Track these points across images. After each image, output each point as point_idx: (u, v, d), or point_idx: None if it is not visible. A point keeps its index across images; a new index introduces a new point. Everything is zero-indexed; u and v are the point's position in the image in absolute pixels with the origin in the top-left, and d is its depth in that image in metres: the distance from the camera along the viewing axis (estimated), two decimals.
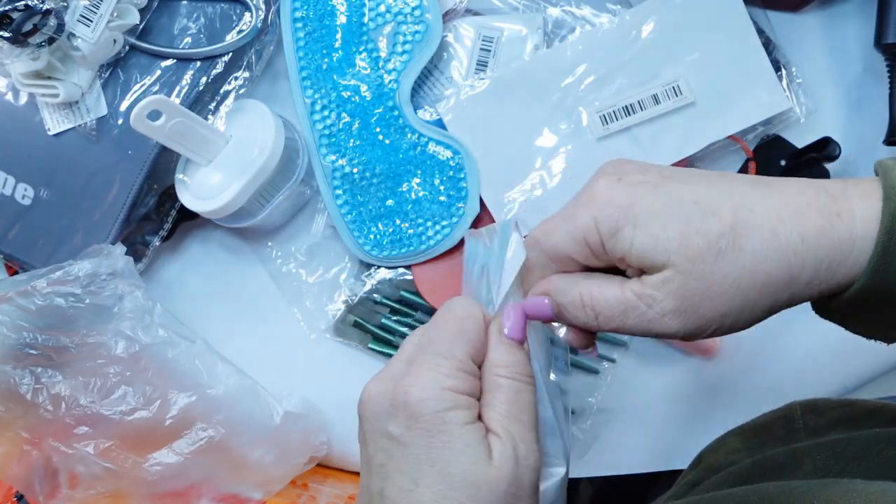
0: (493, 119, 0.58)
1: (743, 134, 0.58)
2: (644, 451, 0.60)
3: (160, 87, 0.57)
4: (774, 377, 0.59)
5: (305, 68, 0.59)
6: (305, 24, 0.59)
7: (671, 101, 0.57)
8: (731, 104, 0.58)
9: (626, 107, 0.57)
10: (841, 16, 0.61)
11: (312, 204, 0.61)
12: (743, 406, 0.59)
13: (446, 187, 0.58)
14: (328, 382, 0.61)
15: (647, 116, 0.57)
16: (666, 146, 0.57)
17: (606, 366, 0.60)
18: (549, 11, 0.60)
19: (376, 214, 0.59)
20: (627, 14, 0.57)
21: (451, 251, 0.59)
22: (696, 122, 0.57)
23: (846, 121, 0.60)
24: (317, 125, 0.59)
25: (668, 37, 0.57)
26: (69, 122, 0.57)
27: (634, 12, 0.57)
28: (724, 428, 0.59)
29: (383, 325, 0.60)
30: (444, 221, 0.58)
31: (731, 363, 0.60)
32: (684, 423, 0.59)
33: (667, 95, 0.57)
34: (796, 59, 0.60)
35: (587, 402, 0.60)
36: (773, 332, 0.60)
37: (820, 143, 0.57)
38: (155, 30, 0.57)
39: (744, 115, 0.58)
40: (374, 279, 0.60)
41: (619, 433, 0.60)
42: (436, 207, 0.58)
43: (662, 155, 0.57)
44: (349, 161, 0.58)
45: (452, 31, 0.59)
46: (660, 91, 0.57)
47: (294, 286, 0.60)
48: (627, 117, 0.57)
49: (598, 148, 0.57)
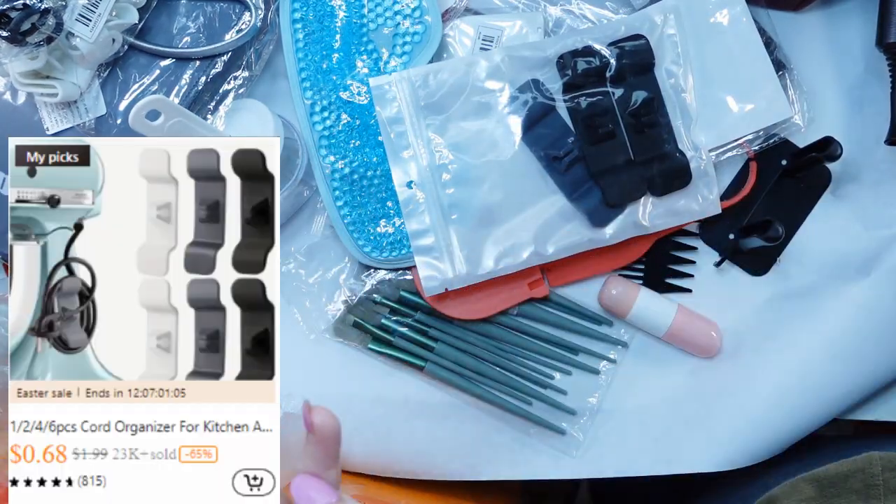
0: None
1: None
2: (644, 452, 0.60)
3: (159, 86, 0.57)
4: (774, 378, 0.59)
5: (305, 69, 0.59)
6: (305, 25, 0.59)
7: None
8: (733, 111, 0.58)
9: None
10: (843, 15, 0.61)
11: (312, 204, 0.61)
12: (743, 407, 0.59)
13: None
14: (328, 383, 0.60)
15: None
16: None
17: (606, 366, 0.60)
18: (550, 10, 0.59)
19: (376, 216, 0.58)
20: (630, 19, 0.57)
21: None
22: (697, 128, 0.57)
23: (847, 120, 0.60)
24: (316, 126, 0.58)
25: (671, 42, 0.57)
26: (68, 121, 0.57)
27: (638, 16, 0.57)
28: (725, 430, 0.59)
29: (383, 326, 0.60)
30: None
31: (731, 364, 0.60)
32: (684, 425, 0.59)
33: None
34: (798, 58, 0.60)
35: (587, 402, 0.60)
36: (773, 333, 0.60)
37: (821, 143, 0.57)
38: (154, 29, 0.57)
39: (745, 123, 0.58)
40: (373, 279, 0.60)
41: (619, 434, 0.60)
42: None
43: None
44: (349, 162, 0.58)
45: (452, 30, 0.59)
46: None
47: (293, 286, 0.60)
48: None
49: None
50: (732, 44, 0.58)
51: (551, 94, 0.56)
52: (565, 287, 0.60)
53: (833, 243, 0.59)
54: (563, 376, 0.60)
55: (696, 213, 0.57)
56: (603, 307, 0.60)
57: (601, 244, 0.57)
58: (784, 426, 0.58)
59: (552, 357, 0.60)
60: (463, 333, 0.60)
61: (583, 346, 0.60)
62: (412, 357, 0.59)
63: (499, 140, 0.56)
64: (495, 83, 0.56)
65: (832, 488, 0.49)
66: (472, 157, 0.56)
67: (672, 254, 0.60)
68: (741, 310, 0.60)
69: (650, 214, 0.56)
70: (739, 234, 0.59)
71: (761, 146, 0.58)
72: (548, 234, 0.56)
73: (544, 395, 0.60)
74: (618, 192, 0.56)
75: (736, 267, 0.60)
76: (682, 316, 0.58)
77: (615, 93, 0.56)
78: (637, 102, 0.56)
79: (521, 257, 0.56)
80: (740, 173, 0.60)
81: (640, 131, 0.56)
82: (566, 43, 0.56)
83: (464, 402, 0.60)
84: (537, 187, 0.56)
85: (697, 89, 0.57)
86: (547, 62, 0.56)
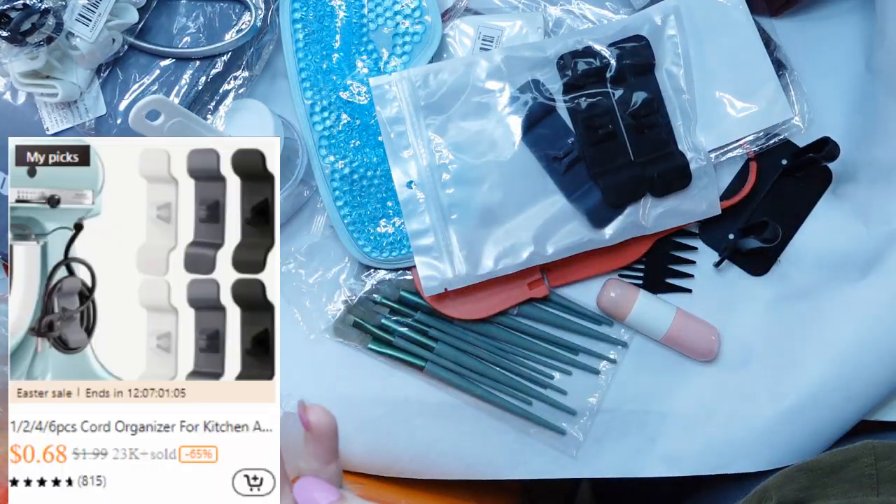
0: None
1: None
2: (644, 453, 0.60)
3: (159, 86, 0.57)
4: (774, 379, 0.59)
5: (305, 70, 0.59)
6: (305, 25, 0.59)
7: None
8: (734, 112, 0.58)
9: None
10: (842, 14, 0.61)
11: (312, 204, 0.61)
12: (743, 407, 0.59)
13: None
14: (328, 383, 0.60)
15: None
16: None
17: (606, 366, 0.60)
18: (550, 10, 0.59)
19: (376, 216, 0.58)
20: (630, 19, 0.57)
21: None
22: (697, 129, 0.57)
23: (848, 120, 0.60)
24: (316, 126, 0.58)
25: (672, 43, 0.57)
26: (68, 121, 0.57)
27: (639, 17, 0.57)
28: (726, 432, 0.59)
29: (383, 326, 0.60)
30: None
31: (731, 365, 0.60)
32: (684, 426, 0.59)
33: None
34: (797, 57, 0.60)
35: (587, 402, 0.60)
36: (773, 333, 0.60)
37: (819, 143, 0.57)
38: (154, 29, 0.57)
39: (746, 124, 0.58)
40: (373, 279, 0.60)
41: (619, 434, 0.60)
42: None
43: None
44: (349, 162, 0.58)
45: (452, 30, 0.59)
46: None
47: (293, 286, 0.60)
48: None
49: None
50: (733, 44, 0.58)
51: (551, 94, 0.56)
52: (565, 287, 0.60)
53: (834, 243, 0.59)
54: (563, 376, 0.60)
55: (696, 214, 0.57)
56: (601, 310, 0.60)
57: (601, 245, 0.57)
58: (784, 429, 0.58)
59: (552, 357, 0.60)
60: (463, 333, 0.60)
61: (583, 346, 0.60)
62: (412, 357, 0.59)
63: (499, 140, 0.56)
64: (495, 83, 0.56)
65: (826, 478, 0.49)
66: (472, 157, 0.56)
67: (672, 254, 0.60)
68: (741, 310, 0.60)
69: (650, 215, 0.56)
70: (739, 235, 0.59)
71: (762, 147, 0.58)
72: (547, 235, 0.56)
73: (544, 395, 0.60)
74: (617, 193, 0.56)
75: (736, 267, 0.60)
76: (681, 319, 0.58)
77: (615, 93, 0.56)
78: (637, 103, 0.56)
79: (521, 257, 0.56)
80: (740, 173, 0.60)
81: (640, 132, 0.56)
82: (566, 43, 0.56)
83: (464, 402, 0.60)
84: (537, 188, 0.56)
85: (698, 90, 0.57)
86: (547, 62, 0.56)
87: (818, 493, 0.48)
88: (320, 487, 0.35)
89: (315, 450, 0.36)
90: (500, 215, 0.56)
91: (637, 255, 0.59)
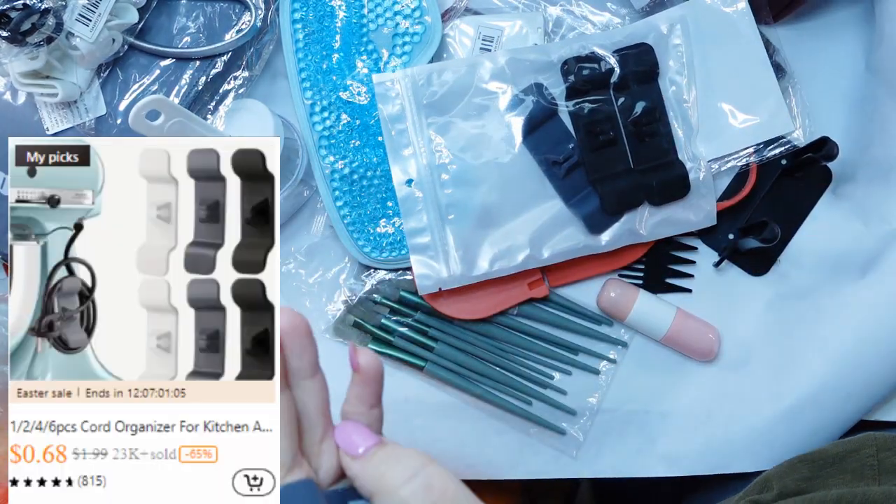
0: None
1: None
2: (644, 453, 0.60)
3: (159, 86, 0.57)
4: (773, 378, 0.59)
5: (305, 70, 0.59)
6: (305, 25, 0.59)
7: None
8: (735, 123, 0.58)
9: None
10: (843, 14, 0.61)
11: (312, 204, 0.61)
12: (743, 407, 0.59)
13: None
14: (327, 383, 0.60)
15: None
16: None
17: (606, 366, 0.60)
18: (550, 10, 0.59)
19: (375, 216, 0.58)
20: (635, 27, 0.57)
21: None
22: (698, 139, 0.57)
23: (848, 120, 0.60)
24: (316, 126, 0.58)
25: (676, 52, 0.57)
26: (68, 121, 0.57)
27: (644, 24, 0.57)
28: (726, 432, 0.59)
29: (383, 326, 0.60)
30: None
31: (731, 365, 0.60)
32: (684, 426, 0.59)
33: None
34: (797, 57, 0.60)
35: (587, 402, 0.60)
36: (773, 334, 0.60)
37: (818, 143, 0.57)
38: (154, 29, 0.57)
39: (747, 136, 0.58)
40: (373, 279, 0.60)
41: (619, 434, 0.60)
42: None
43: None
44: (348, 162, 0.58)
45: (452, 30, 0.59)
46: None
47: (293, 286, 0.60)
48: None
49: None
50: (737, 56, 0.58)
51: (554, 98, 0.56)
52: (565, 287, 0.60)
53: (833, 242, 0.59)
54: (563, 376, 0.60)
55: (693, 224, 0.57)
56: (601, 310, 0.60)
57: (596, 251, 0.57)
58: (784, 429, 0.58)
59: (552, 357, 0.60)
60: (463, 333, 0.60)
61: (583, 346, 0.60)
62: (412, 357, 0.59)
63: (499, 142, 0.56)
64: (498, 85, 0.56)
65: (828, 468, 0.49)
66: (472, 158, 0.56)
67: (672, 254, 0.60)
68: (741, 310, 0.60)
69: (647, 223, 0.56)
70: (739, 235, 0.59)
71: (761, 160, 0.58)
72: (544, 239, 0.56)
73: (544, 395, 0.60)
74: (616, 200, 0.56)
75: (736, 267, 0.60)
76: (681, 319, 0.58)
77: (618, 100, 0.56)
78: (639, 111, 0.56)
79: (517, 260, 0.56)
80: (740, 173, 0.60)
81: (640, 140, 0.56)
82: (571, 48, 0.56)
83: (464, 402, 0.60)
84: (536, 191, 0.56)
85: (700, 100, 0.57)
86: (551, 66, 0.56)
87: (819, 484, 0.47)
88: (360, 432, 0.36)
89: (361, 392, 0.37)
90: (497, 217, 0.56)
91: (637, 255, 0.59)
